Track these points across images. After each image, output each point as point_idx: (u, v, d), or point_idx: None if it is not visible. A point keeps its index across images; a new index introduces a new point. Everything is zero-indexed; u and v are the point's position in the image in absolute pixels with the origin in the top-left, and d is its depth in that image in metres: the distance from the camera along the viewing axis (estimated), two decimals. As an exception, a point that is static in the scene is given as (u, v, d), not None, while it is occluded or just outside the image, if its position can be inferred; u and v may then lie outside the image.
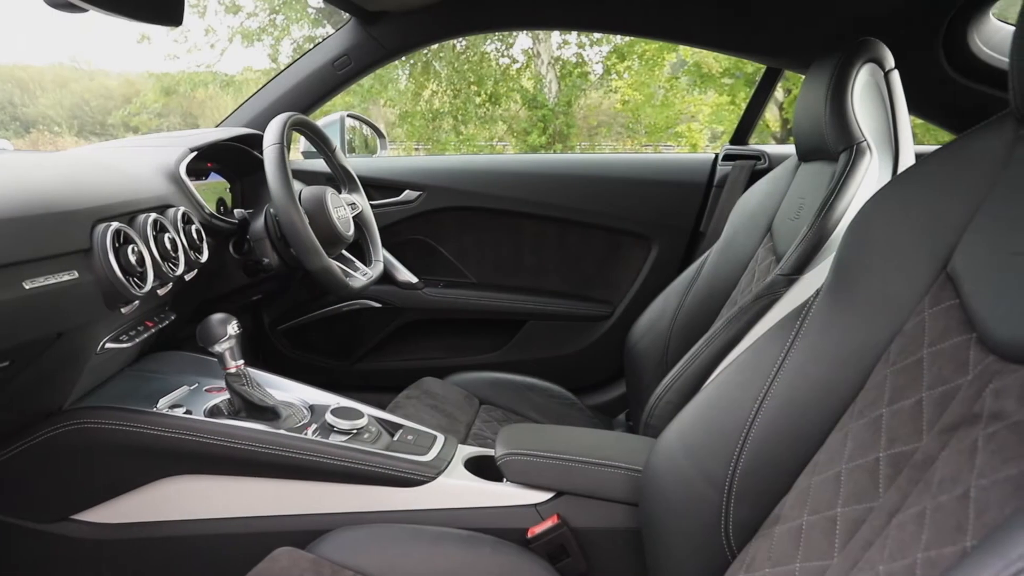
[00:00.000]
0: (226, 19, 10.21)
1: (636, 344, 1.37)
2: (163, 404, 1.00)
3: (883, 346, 0.55)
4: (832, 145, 1.04)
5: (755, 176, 1.53)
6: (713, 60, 8.39)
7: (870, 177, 0.98)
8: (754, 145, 1.74)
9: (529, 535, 0.86)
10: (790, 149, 1.29)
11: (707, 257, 1.33)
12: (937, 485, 0.42)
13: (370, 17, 1.50)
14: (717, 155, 1.74)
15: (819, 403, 0.59)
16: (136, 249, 0.88)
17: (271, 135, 1.16)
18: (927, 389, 0.48)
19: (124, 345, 0.98)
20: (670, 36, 1.53)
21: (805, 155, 1.20)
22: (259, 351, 1.83)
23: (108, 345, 0.95)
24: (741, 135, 1.76)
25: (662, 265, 1.73)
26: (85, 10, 0.89)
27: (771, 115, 7.70)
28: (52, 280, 0.74)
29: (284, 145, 1.16)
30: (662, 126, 9.53)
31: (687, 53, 8.73)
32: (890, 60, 1.06)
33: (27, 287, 0.71)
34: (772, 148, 1.69)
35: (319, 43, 1.59)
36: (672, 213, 1.73)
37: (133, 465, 0.94)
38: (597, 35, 9.95)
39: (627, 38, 9.64)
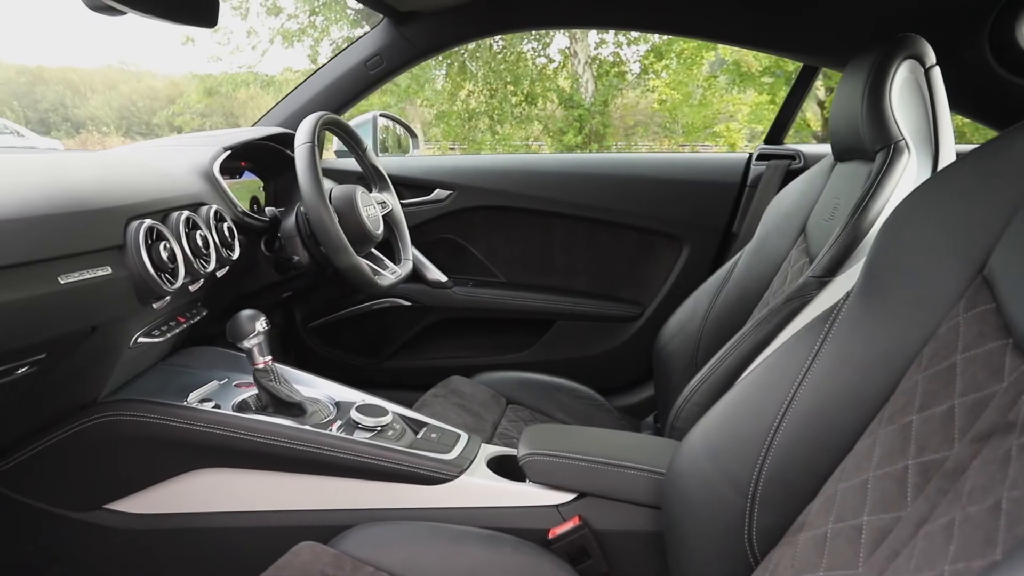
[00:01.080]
0: (267, 20, 10.38)
1: (665, 345, 1.36)
2: (193, 398, 1.02)
3: (915, 350, 0.53)
4: (868, 144, 1.01)
5: (790, 176, 1.50)
6: (752, 59, 8.26)
7: (908, 177, 0.95)
8: (791, 145, 1.70)
9: (550, 536, 0.86)
10: (826, 148, 1.26)
11: (739, 258, 1.31)
12: (967, 495, 0.41)
13: (401, 17, 1.51)
14: (751, 154, 1.71)
15: (847, 408, 0.57)
16: (168, 246, 0.89)
17: (302, 134, 1.18)
18: (959, 396, 0.47)
19: (156, 340, 1.00)
20: (704, 34, 1.51)
21: (841, 154, 1.17)
22: (290, 348, 1.85)
23: (141, 340, 0.97)
24: (776, 134, 1.72)
25: (693, 266, 1.71)
26: (123, 12, 0.91)
27: (812, 114, 7.55)
28: (86, 275, 0.76)
29: (315, 144, 1.18)
30: (700, 126, 9.42)
31: (726, 52, 8.62)
32: (931, 56, 1.02)
33: (62, 282, 0.73)
34: (807, 147, 1.65)
35: (352, 43, 1.60)
36: (704, 213, 1.70)
37: (163, 457, 0.96)
38: (634, 34, 9.89)
39: (665, 37, 9.57)
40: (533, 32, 10.11)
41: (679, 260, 1.73)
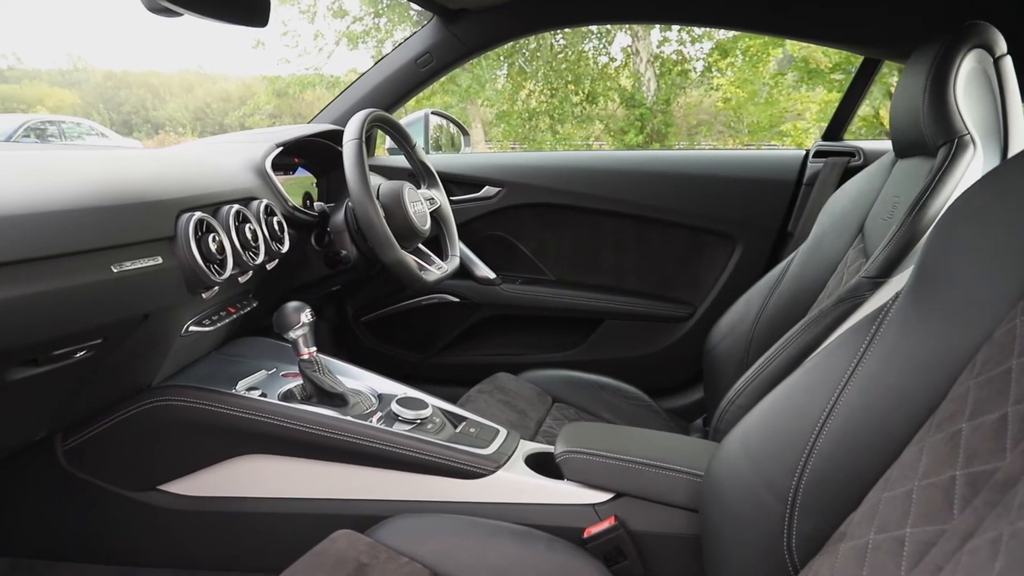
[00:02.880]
0: (333, 23, 10.63)
1: (716, 347, 1.32)
2: (241, 386, 1.05)
3: (968, 355, 0.50)
4: (931, 139, 0.96)
5: (849, 174, 1.44)
6: (822, 55, 8.00)
7: (972, 173, 0.89)
8: (851, 141, 1.63)
9: (585, 535, 0.85)
10: (887, 145, 1.20)
11: (793, 258, 1.26)
12: (1017, 509, 0.38)
13: (451, 15, 1.52)
14: (807, 152, 1.65)
15: (894, 413, 0.54)
16: (217, 238, 0.92)
17: (351, 131, 1.20)
18: (1013, 403, 0.43)
19: (206, 329, 1.03)
20: (762, 28, 1.46)
21: (902, 151, 1.11)
22: (342, 342, 1.89)
23: (192, 328, 1.00)
24: (835, 130, 1.65)
25: (746, 266, 1.66)
26: (180, 14, 0.95)
27: (885, 111, 7.25)
28: (138, 265, 0.79)
29: (362, 140, 1.19)
30: (765, 124, 9.16)
31: (794, 48, 8.37)
32: (1002, 45, 0.96)
33: (115, 270, 0.76)
34: (868, 144, 1.58)
35: (403, 42, 1.62)
36: (758, 212, 1.65)
37: (211, 442, 0.99)
38: (698, 31, 9.73)
39: (730, 34, 9.37)
40: (595, 31, 10.07)
41: (731, 260, 1.69)
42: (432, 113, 1.93)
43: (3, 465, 1.05)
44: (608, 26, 9.89)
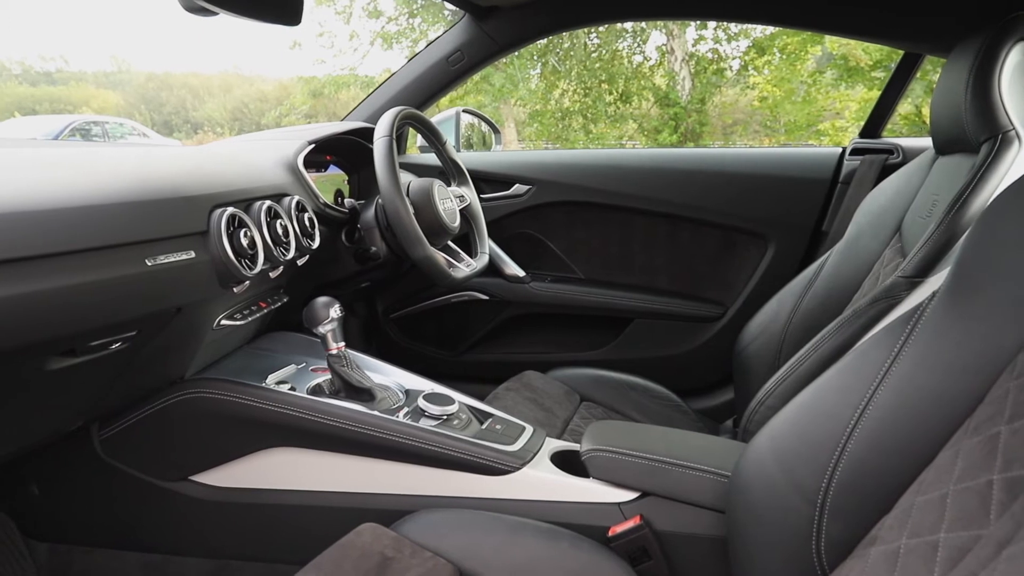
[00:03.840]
0: (368, 24, 10.72)
1: (746, 347, 1.30)
2: (271, 380, 1.06)
3: (1008, 357, 0.48)
4: (973, 135, 0.93)
5: (887, 172, 1.40)
6: (862, 52, 7.82)
7: (1017, 169, 0.86)
8: (890, 138, 1.59)
9: (610, 534, 0.84)
10: (927, 142, 1.17)
11: (827, 258, 1.23)
12: (1057, 516, 0.36)
13: (482, 12, 1.52)
14: (844, 149, 1.61)
15: (929, 416, 0.53)
16: (248, 233, 0.93)
17: (381, 128, 1.21)
18: None
19: (238, 323, 1.05)
20: (797, 22, 1.43)
21: (943, 147, 1.08)
22: (372, 338, 1.90)
23: (223, 322, 1.02)
24: (873, 127, 1.61)
25: (779, 265, 1.62)
26: (215, 12, 0.96)
27: (927, 108, 7.06)
28: (171, 259, 0.81)
29: (392, 138, 1.20)
30: (803, 124, 8.98)
31: (833, 46, 8.20)
32: None
33: (148, 264, 0.77)
34: (907, 141, 1.54)
35: (435, 40, 1.63)
36: (792, 211, 1.62)
37: (241, 434, 1.01)
38: (734, 29, 9.60)
39: (768, 31, 9.23)
40: (629, 29, 10.01)
41: (764, 259, 1.66)
42: (463, 111, 1.94)
43: (43, 453, 1.08)
44: (643, 24, 9.83)
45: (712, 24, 9.65)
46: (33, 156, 0.78)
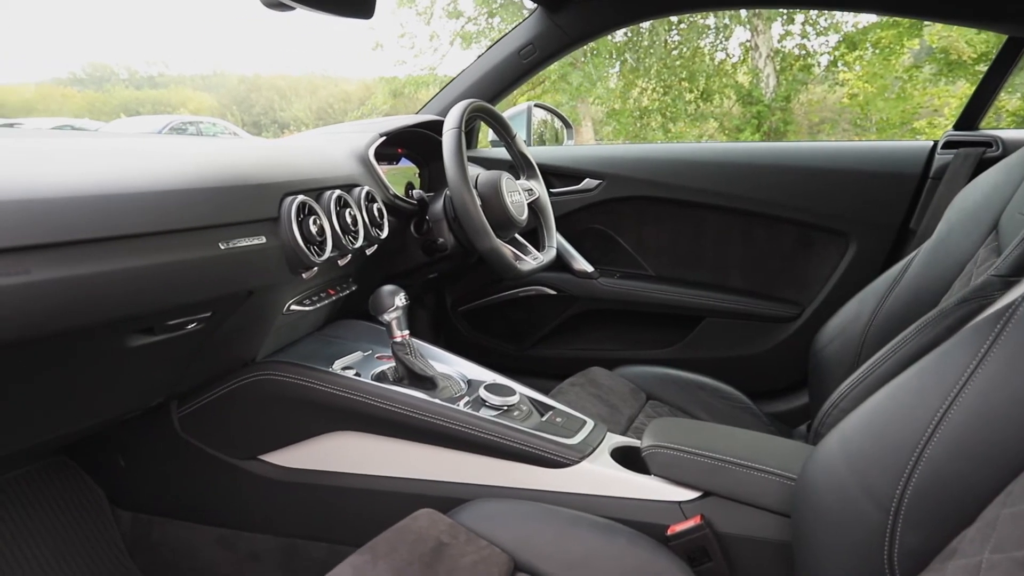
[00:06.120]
0: (448, 24, 10.86)
1: (823, 349, 1.24)
2: (337, 366, 1.09)
3: None
4: None
5: (984, 166, 1.31)
6: (965, 44, 7.36)
7: None
8: (988, 130, 1.48)
9: (669, 532, 0.82)
10: None
11: (914, 256, 1.16)
12: None
13: (555, 5, 1.51)
14: (936, 142, 1.51)
15: (1017, 422, 0.49)
16: (318, 221, 0.96)
17: (451, 120, 1.22)
18: None
19: (307, 308, 1.08)
20: (889, 8, 1.35)
21: None
22: (440, 330, 1.92)
23: (293, 307, 1.05)
24: (969, 118, 1.50)
25: (861, 265, 1.54)
26: (292, 8, 1.00)
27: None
28: (242, 243, 0.84)
29: (461, 130, 1.21)
30: (896, 121, 8.51)
31: (932, 38, 7.76)
32: None
33: (222, 247, 0.80)
34: (1008, 133, 1.43)
35: (506, 33, 1.63)
36: (876, 207, 1.53)
37: (307, 416, 1.04)
38: (823, 24, 9.22)
39: (859, 25, 8.82)
40: (711, 26, 9.78)
41: (844, 258, 1.58)
42: (535, 106, 1.93)
43: (128, 427, 1.14)
44: (727, 20, 9.58)
45: (799, 19, 9.31)
46: (124, 146, 0.82)
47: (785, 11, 9.17)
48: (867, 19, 8.76)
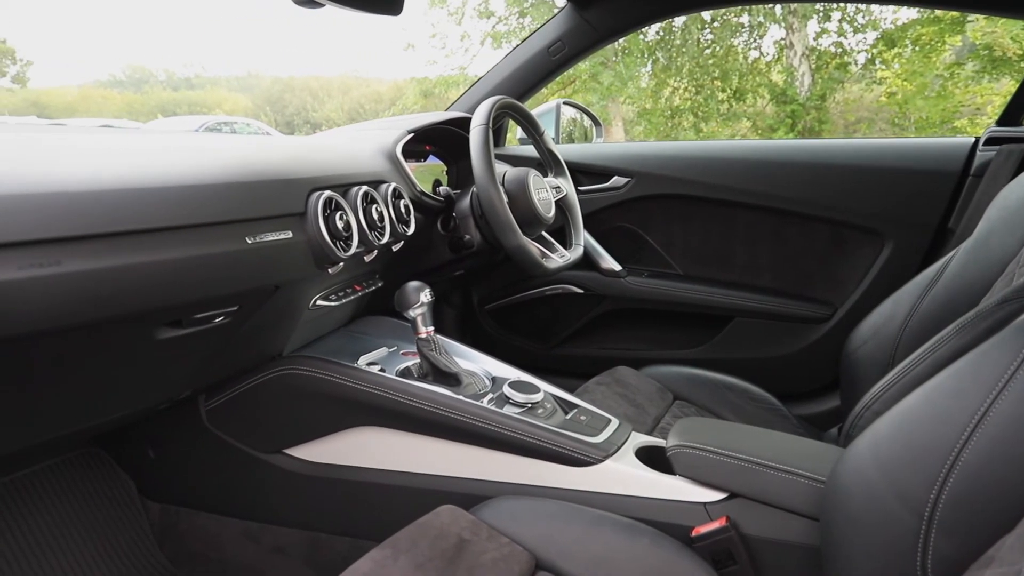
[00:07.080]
0: (479, 24, 10.91)
1: (856, 351, 1.21)
2: (363, 361, 1.10)
3: None
4: None
5: None
6: (1010, 41, 7.15)
7: None
8: None
9: (693, 534, 0.80)
10: None
11: (953, 256, 1.12)
12: None
13: (584, 1, 1.50)
14: (977, 139, 1.46)
15: None
16: (344, 216, 0.97)
17: (478, 117, 1.22)
18: None
19: (333, 303, 1.09)
20: (928, 0, 1.32)
21: None
22: (467, 328, 1.92)
23: (319, 302, 1.06)
24: (1013, 114, 1.44)
25: (896, 264, 1.50)
26: (322, 5, 1.00)
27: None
28: (269, 238, 0.85)
29: (488, 127, 1.20)
30: (936, 120, 8.29)
31: (975, 35, 7.55)
32: None
33: (249, 242, 0.81)
34: None
35: (536, 30, 1.62)
36: (913, 206, 1.48)
37: (332, 411, 1.04)
38: (861, 21, 9.04)
39: (898, 22, 8.63)
40: (745, 23, 9.65)
41: (879, 258, 1.53)
42: (564, 103, 1.92)
43: (157, 419, 1.16)
44: (761, 18, 9.44)
45: (836, 16, 9.15)
46: (152, 142, 0.84)
47: (821, 8, 9.01)
48: (907, 15, 8.57)
